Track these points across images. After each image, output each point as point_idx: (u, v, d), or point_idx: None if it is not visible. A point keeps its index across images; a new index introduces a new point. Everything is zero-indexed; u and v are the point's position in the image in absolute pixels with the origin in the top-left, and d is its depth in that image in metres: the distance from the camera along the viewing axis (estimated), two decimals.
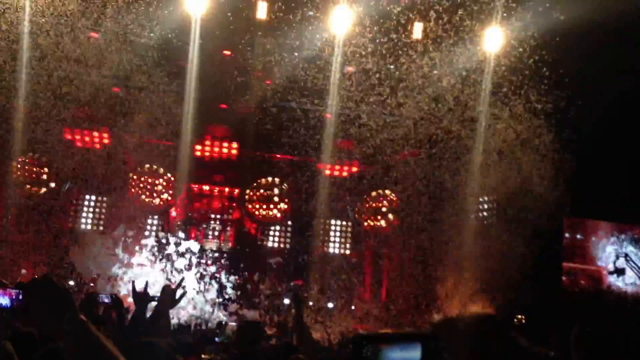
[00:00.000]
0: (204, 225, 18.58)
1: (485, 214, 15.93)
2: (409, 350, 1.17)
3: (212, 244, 18.55)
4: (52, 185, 16.48)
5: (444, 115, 14.34)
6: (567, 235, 17.03)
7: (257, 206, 17.57)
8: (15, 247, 15.25)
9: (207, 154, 16.65)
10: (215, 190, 18.10)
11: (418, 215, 15.76)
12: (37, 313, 1.64)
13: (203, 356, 5.32)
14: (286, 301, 16.76)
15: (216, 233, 18.60)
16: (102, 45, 13.58)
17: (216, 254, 18.01)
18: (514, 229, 14.16)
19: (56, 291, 1.61)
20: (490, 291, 14.60)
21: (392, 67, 13.81)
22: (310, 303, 16.87)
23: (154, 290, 4.65)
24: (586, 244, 17.40)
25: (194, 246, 16.36)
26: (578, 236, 17.57)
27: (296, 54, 13.58)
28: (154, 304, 4.29)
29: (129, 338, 3.15)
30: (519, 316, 14.44)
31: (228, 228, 18.75)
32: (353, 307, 16.49)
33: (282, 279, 17.50)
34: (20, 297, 1.88)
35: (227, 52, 13.78)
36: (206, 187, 18.06)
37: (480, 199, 15.92)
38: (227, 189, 17.85)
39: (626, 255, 17.25)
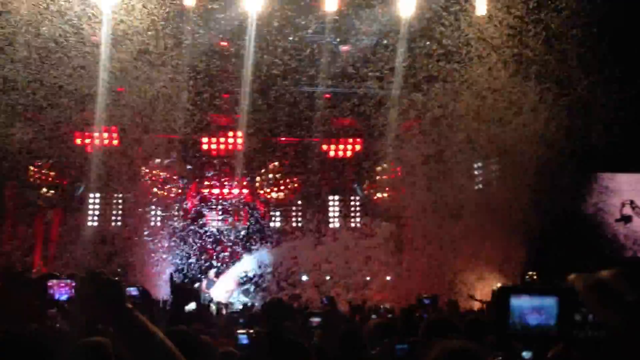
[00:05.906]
0: (218, 209, 18.94)
1: (491, 175, 16.19)
2: (547, 301, 1.24)
3: (226, 226, 18.97)
4: (65, 188, 16.99)
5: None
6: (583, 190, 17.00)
7: (268, 189, 18.01)
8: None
9: (213, 146, 17.03)
10: (225, 179, 18.48)
11: (425, 183, 16.04)
12: (87, 303, 1.69)
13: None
14: (304, 278, 17.28)
15: (229, 218, 19.00)
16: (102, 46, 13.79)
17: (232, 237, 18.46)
18: (523, 188, 14.48)
19: (104, 281, 1.66)
20: (503, 250, 15.01)
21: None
22: (328, 277, 17.39)
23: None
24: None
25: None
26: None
27: (291, 38, 13.82)
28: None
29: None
30: (530, 273, 14.82)
31: (241, 211, 19.14)
32: (368, 278, 16.95)
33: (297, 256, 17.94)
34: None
35: (224, 43, 14.04)
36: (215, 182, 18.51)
37: (484, 162, 16.24)
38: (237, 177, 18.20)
39: (631, 202, 17.11)
